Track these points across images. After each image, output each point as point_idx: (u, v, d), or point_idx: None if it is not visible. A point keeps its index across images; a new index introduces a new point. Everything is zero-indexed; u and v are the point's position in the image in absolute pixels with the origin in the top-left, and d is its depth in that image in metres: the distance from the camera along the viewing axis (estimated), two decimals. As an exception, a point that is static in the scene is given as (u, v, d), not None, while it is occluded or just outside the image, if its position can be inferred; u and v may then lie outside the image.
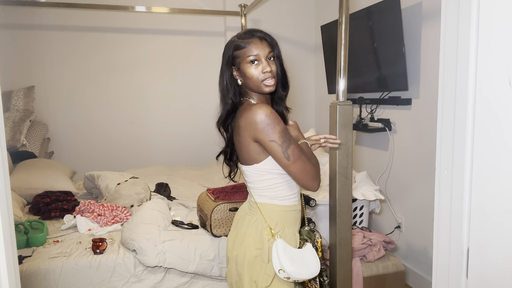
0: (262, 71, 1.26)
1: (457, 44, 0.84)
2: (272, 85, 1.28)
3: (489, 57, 0.77)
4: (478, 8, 0.78)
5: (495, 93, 0.75)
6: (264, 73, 1.26)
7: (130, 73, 3.62)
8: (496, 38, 0.75)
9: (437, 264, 0.93)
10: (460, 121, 0.84)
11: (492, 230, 0.79)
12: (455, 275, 0.87)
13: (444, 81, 0.89)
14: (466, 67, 0.82)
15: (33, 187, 2.51)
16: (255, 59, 1.27)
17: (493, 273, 0.79)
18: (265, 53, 1.27)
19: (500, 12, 0.74)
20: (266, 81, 1.27)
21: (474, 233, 0.82)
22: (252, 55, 1.26)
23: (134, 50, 3.61)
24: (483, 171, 0.79)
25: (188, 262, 1.84)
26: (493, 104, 0.76)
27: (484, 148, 0.79)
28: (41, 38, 3.37)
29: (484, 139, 0.79)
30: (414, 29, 2.39)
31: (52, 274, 1.72)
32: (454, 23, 0.84)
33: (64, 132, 3.50)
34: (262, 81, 1.27)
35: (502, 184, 0.75)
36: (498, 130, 0.75)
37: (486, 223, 0.80)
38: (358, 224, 2.47)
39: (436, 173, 0.92)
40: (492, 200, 0.78)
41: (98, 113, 3.57)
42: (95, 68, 3.53)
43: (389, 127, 2.61)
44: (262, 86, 1.28)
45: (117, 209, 2.25)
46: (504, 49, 0.74)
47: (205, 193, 2.10)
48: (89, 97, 3.54)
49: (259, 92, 1.31)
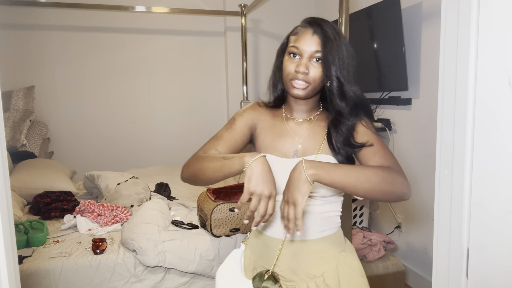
0: (295, 68, 1.04)
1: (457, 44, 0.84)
2: (301, 89, 1.04)
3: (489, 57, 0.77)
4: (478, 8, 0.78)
5: (495, 93, 0.75)
6: (296, 72, 1.04)
7: (130, 73, 3.62)
8: (496, 38, 0.75)
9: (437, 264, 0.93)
10: (460, 121, 0.84)
11: (492, 230, 0.79)
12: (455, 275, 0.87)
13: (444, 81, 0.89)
14: (466, 67, 0.81)
15: (33, 187, 2.50)
16: (296, 52, 1.05)
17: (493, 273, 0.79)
18: (310, 50, 1.03)
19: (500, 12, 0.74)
20: (294, 82, 1.04)
21: (474, 233, 0.82)
22: (295, 46, 1.05)
23: (134, 50, 3.61)
24: (483, 171, 0.79)
25: (188, 262, 1.84)
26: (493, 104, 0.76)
27: (484, 148, 0.79)
28: (41, 38, 3.37)
29: (484, 139, 0.79)
30: (414, 29, 2.39)
31: (52, 274, 1.72)
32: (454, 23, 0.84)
33: (64, 132, 3.50)
34: (291, 80, 1.05)
35: (502, 184, 0.75)
36: (498, 130, 0.75)
37: (486, 223, 0.79)
38: (358, 224, 2.47)
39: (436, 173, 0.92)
40: (492, 200, 0.78)
41: (98, 113, 3.57)
42: (95, 68, 3.53)
43: (389, 127, 2.61)
44: (289, 85, 1.06)
45: (117, 209, 2.25)
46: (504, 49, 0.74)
47: (205, 193, 2.11)
48: (89, 97, 3.54)
49: (289, 93, 1.10)
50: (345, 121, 1.06)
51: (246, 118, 1.16)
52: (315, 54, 1.04)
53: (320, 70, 1.04)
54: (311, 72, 1.04)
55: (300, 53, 1.05)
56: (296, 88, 1.05)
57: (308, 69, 1.03)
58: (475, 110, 0.81)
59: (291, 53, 1.06)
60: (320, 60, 1.04)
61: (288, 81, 1.06)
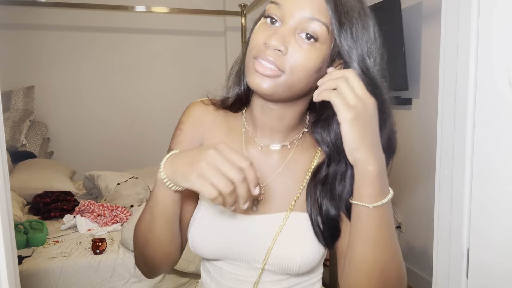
0: (264, 39, 0.60)
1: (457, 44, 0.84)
2: (266, 76, 0.59)
3: (490, 57, 0.77)
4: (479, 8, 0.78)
5: (496, 93, 0.75)
6: (265, 45, 0.60)
7: (130, 72, 3.62)
8: (497, 38, 0.75)
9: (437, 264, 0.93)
10: (460, 121, 0.84)
11: (492, 230, 0.78)
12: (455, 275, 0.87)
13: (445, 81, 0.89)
14: (466, 67, 0.81)
15: (33, 187, 2.50)
16: (274, 16, 0.61)
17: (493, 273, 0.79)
18: (301, 16, 0.59)
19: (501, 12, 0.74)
20: (257, 62, 0.60)
21: (474, 233, 0.82)
22: (275, 2, 0.61)
23: (134, 50, 3.61)
24: (483, 171, 0.79)
25: (188, 262, 1.84)
26: (493, 104, 0.76)
27: (484, 148, 0.79)
28: (41, 38, 3.37)
29: (484, 139, 0.78)
30: (414, 29, 2.39)
31: (52, 274, 1.72)
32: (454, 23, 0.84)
33: (64, 132, 3.50)
34: (254, 58, 0.61)
35: (503, 184, 0.75)
36: (498, 130, 0.75)
37: (486, 223, 0.79)
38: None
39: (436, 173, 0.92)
40: (492, 200, 0.78)
41: (98, 113, 3.57)
42: (95, 68, 3.53)
43: (389, 127, 2.61)
44: (249, 67, 0.62)
45: (117, 209, 2.25)
46: (504, 49, 0.74)
47: (205, 193, 2.10)
48: (89, 97, 3.54)
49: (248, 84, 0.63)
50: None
51: (186, 141, 0.76)
52: (308, 24, 0.58)
53: (310, 56, 0.59)
54: (291, 53, 0.59)
55: (281, 16, 0.60)
56: (258, 72, 0.60)
57: (285, 45, 0.59)
58: (475, 110, 0.80)
59: (268, 17, 0.62)
60: (313, 38, 0.59)
61: (250, 60, 0.62)
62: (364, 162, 0.57)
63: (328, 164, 0.67)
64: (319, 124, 0.68)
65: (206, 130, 0.76)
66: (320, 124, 0.68)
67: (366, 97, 0.57)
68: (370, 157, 0.56)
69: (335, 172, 0.66)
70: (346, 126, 0.55)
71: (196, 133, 0.76)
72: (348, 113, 0.54)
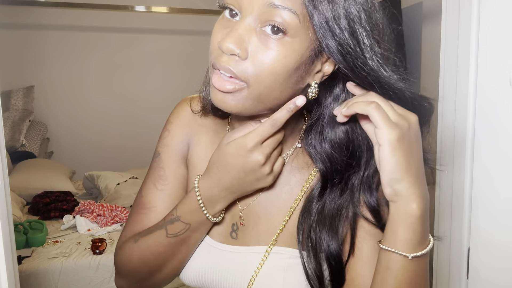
0: (218, 40, 0.50)
1: (457, 44, 0.84)
2: (224, 92, 0.50)
3: (490, 57, 0.77)
4: (479, 8, 0.78)
5: (496, 93, 0.75)
6: (219, 48, 0.50)
7: (130, 72, 3.62)
8: (497, 38, 0.75)
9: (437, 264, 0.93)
10: (460, 121, 0.84)
11: (492, 230, 0.78)
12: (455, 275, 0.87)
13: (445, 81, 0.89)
14: (466, 67, 0.81)
15: (33, 187, 2.50)
16: (229, 6, 0.50)
17: (493, 273, 0.79)
18: (263, 2, 0.45)
19: (501, 12, 0.74)
20: (214, 72, 0.52)
21: (474, 233, 0.82)
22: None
23: (134, 50, 3.60)
24: (484, 171, 0.79)
25: (188, 262, 1.84)
26: (493, 104, 0.76)
27: (484, 148, 0.79)
28: (41, 38, 3.37)
29: (484, 139, 0.78)
30: (414, 29, 2.39)
31: (52, 275, 1.72)
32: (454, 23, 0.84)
33: (64, 132, 3.50)
34: (212, 66, 0.53)
35: (503, 184, 0.75)
36: (498, 130, 0.75)
37: (486, 223, 0.79)
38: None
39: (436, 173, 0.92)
40: (493, 200, 0.78)
41: (98, 113, 3.57)
42: (95, 68, 3.53)
43: (389, 127, 2.61)
44: (210, 76, 0.54)
45: (116, 209, 2.25)
46: (504, 49, 0.74)
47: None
48: (89, 97, 3.54)
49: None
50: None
51: (173, 144, 0.69)
52: (271, 13, 0.45)
53: (278, 57, 0.46)
54: (253, 56, 0.47)
55: (239, 7, 0.48)
56: (215, 88, 0.50)
57: (243, 46, 0.47)
58: (475, 109, 0.81)
59: (225, 8, 0.51)
60: (281, 31, 0.46)
61: (210, 69, 0.54)
62: (407, 198, 0.45)
63: (324, 187, 0.54)
64: (312, 133, 0.54)
65: (193, 134, 0.67)
66: (314, 132, 0.53)
67: (407, 113, 0.47)
68: (414, 192, 0.46)
69: (334, 199, 0.53)
70: (388, 149, 0.43)
71: (183, 136, 0.68)
72: (392, 131, 0.43)
